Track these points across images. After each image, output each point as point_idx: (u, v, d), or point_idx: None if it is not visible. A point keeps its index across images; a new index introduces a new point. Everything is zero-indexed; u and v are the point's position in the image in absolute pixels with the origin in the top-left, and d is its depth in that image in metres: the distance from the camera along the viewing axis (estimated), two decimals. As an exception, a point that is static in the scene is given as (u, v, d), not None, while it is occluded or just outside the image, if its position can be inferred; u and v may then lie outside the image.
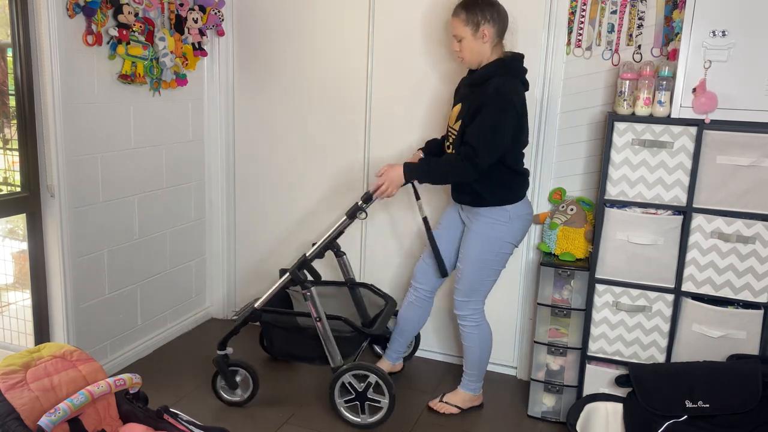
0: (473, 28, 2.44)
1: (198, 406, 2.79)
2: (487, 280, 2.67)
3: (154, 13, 2.96)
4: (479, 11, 2.42)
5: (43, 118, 2.59)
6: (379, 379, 2.59)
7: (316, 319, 2.60)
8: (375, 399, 2.63)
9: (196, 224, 3.58)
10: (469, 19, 2.43)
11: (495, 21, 2.45)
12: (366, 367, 2.61)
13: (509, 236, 2.60)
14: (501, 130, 2.39)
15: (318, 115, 3.36)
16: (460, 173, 2.43)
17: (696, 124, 2.40)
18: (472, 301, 2.69)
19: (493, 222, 2.57)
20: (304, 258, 2.67)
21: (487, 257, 2.62)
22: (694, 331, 2.51)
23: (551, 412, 2.82)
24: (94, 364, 1.99)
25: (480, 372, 2.82)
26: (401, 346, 2.99)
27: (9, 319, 2.91)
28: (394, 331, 2.98)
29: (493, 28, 2.44)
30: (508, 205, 2.56)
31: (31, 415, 1.73)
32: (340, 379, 2.63)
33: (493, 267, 2.65)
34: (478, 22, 2.43)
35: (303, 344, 2.74)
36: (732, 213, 2.42)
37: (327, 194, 3.42)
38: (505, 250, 2.64)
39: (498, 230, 2.58)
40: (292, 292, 3.04)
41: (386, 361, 3.02)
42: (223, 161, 3.58)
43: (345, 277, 3.04)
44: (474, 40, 2.46)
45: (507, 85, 2.41)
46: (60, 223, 2.67)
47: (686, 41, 2.39)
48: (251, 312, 2.72)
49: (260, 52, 3.42)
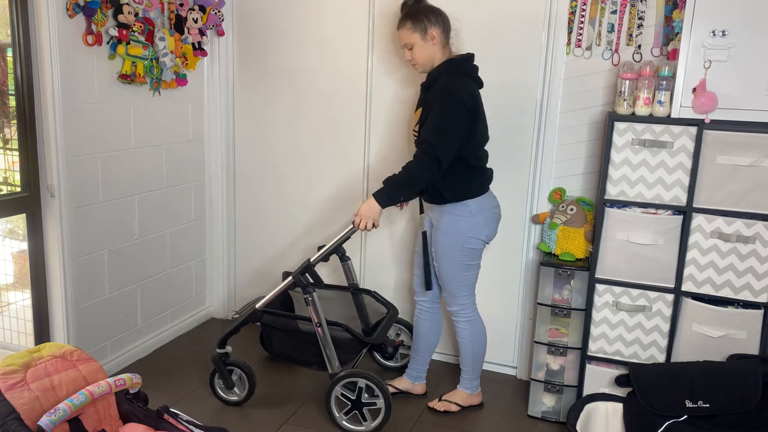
0: (421, 33, 2.54)
1: (198, 406, 2.79)
2: (462, 275, 2.67)
3: (154, 13, 2.96)
4: (423, 16, 2.54)
5: (43, 118, 2.59)
6: (368, 382, 2.59)
7: (316, 324, 2.60)
8: (371, 402, 2.63)
9: (196, 224, 3.58)
10: (416, 26, 2.54)
11: (439, 23, 2.56)
12: (352, 374, 2.60)
13: (473, 231, 2.60)
14: (452, 124, 2.45)
15: (318, 114, 3.36)
16: (425, 173, 2.46)
17: (696, 124, 2.40)
18: (458, 296, 2.71)
19: (456, 217, 2.60)
20: (308, 263, 2.67)
21: (453, 253, 2.63)
22: (694, 331, 2.51)
23: (551, 412, 2.82)
24: (94, 364, 1.99)
25: (475, 369, 2.82)
26: (419, 364, 2.94)
27: (9, 319, 2.91)
28: (411, 349, 2.97)
29: (438, 29, 2.55)
30: (468, 199, 2.58)
31: (31, 415, 1.73)
32: (332, 393, 2.63)
33: (463, 262, 2.64)
34: (425, 27, 2.54)
35: (301, 348, 2.74)
36: (732, 213, 2.42)
37: (327, 193, 3.42)
38: (472, 245, 2.63)
39: (460, 225, 2.60)
40: (294, 294, 3.04)
41: (406, 380, 2.97)
42: (223, 161, 3.58)
43: (348, 282, 3.02)
44: (424, 45, 2.56)
45: (453, 81, 2.48)
46: (60, 223, 2.67)
47: (686, 41, 2.39)
48: (252, 312, 2.71)
49: (260, 52, 3.42)
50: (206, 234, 3.66)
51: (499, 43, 2.95)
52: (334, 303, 3.06)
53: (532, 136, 2.97)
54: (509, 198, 3.04)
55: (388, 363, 3.21)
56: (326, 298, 2.99)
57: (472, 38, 2.98)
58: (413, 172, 2.47)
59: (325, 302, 2.85)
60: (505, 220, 3.07)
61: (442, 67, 2.55)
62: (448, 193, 2.58)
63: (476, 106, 2.53)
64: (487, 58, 2.98)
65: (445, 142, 2.43)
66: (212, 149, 3.56)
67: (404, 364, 3.10)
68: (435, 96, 2.48)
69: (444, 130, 2.43)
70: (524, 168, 3.02)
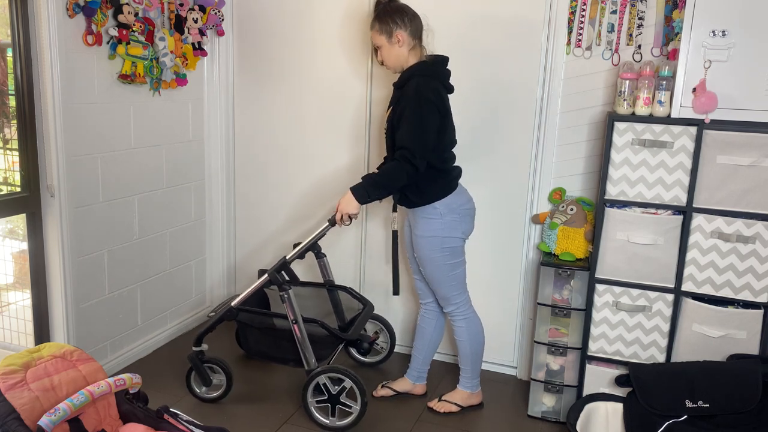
0: (387, 36, 2.56)
1: (198, 406, 2.79)
2: (448, 275, 2.68)
3: (154, 13, 2.96)
4: (390, 19, 2.55)
5: (43, 118, 2.59)
6: (354, 385, 2.59)
7: (292, 321, 2.62)
8: (347, 404, 2.64)
9: (196, 224, 3.58)
10: (383, 28, 2.56)
11: (407, 25, 2.55)
12: (343, 372, 2.61)
13: (446, 231, 2.61)
14: (427, 127, 2.47)
15: (318, 114, 3.36)
16: (403, 177, 2.49)
17: (696, 124, 2.40)
18: (450, 297, 2.71)
19: (427, 220, 2.62)
20: (283, 260, 2.68)
21: (433, 255, 2.64)
22: (694, 331, 2.51)
23: (551, 412, 2.82)
24: (94, 364, 1.99)
25: (474, 368, 2.82)
26: (419, 363, 2.94)
27: (9, 319, 2.91)
28: (413, 349, 2.98)
29: (405, 31, 2.55)
30: (435, 201, 2.59)
31: (31, 415, 1.73)
32: (315, 380, 2.64)
33: (447, 261, 2.65)
34: (391, 30, 2.55)
35: (278, 345, 2.76)
36: (732, 213, 2.42)
37: (327, 193, 3.42)
38: (450, 244, 2.64)
39: (432, 228, 2.61)
40: (269, 291, 3.04)
41: (407, 381, 2.98)
42: (223, 161, 3.58)
43: (324, 279, 3.04)
44: (390, 46, 2.58)
45: (424, 84, 2.50)
46: (60, 223, 2.67)
47: (686, 41, 2.39)
48: (227, 310, 2.73)
49: (260, 52, 3.42)
50: (206, 234, 3.66)
51: (499, 43, 2.95)
52: (310, 300, 3.08)
53: (532, 136, 2.97)
54: (509, 198, 3.05)
55: (364, 359, 3.23)
56: (302, 295, 3.00)
57: (472, 38, 2.99)
58: (391, 175, 2.50)
59: (301, 299, 2.86)
60: (505, 220, 3.08)
61: (413, 69, 2.57)
62: (413, 197, 2.60)
63: (446, 111, 2.56)
64: (487, 58, 2.99)
65: (421, 145, 2.46)
66: (212, 149, 3.56)
67: (380, 360, 3.18)
68: (406, 97, 2.51)
69: (420, 135, 2.46)
70: (524, 168, 3.01)
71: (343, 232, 3.36)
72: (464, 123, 2.94)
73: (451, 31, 2.99)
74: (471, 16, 2.97)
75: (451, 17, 3.00)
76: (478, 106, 3.03)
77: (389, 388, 2.95)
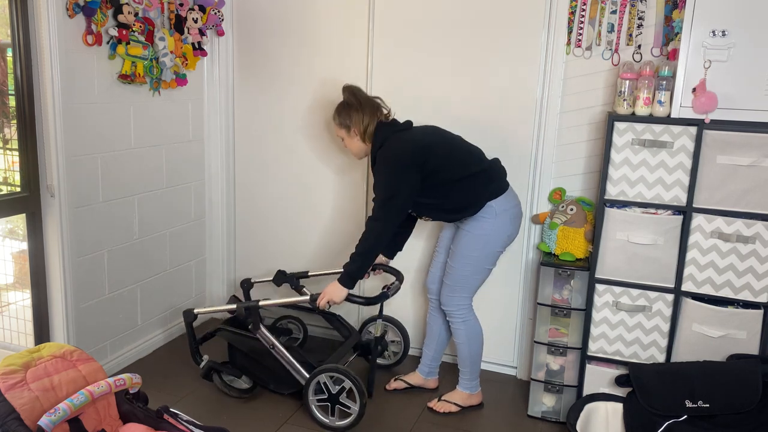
0: (346, 130, 2.72)
1: (198, 406, 2.79)
2: (474, 276, 2.69)
3: (154, 13, 2.96)
4: (346, 115, 2.69)
5: (43, 118, 2.59)
6: (353, 387, 2.60)
7: (270, 347, 2.72)
8: (346, 405, 2.64)
9: (196, 224, 3.58)
10: (342, 123, 2.72)
11: (361, 119, 2.66)
12: (343, 372, 2.61)
13: (495, 232, 2.62)
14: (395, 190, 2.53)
15: (318, 114, 3.36)
16: (378, 236, 2.57)
17: (696, 124, 2.40)
18: (456, 296, 2.72)
19: (481, 219, 2.62)
20: (256, 305, 2.73)
21: (473, 253, 2.64)
22: (694, 331, 2.51)
23: (551, 412, 2.82)
24: (94, 364, 1.99)
25: (473, 369, 2.83)
26: (429, 359, 2.98)
27: (9, 319, 2.91)
28: (423, 344, 3.01)
29: (361, 125, 2.66)
30: (491, 201, 2.61)
31: (31, 415, 1.73)
32: (316, 378, 2.66)
33: (480, 264, 2.67)
34: (348, 125, 2.70)
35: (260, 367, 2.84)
36: (732, 213, 2.42)
37: (327, 193, 3.42)
38: (493, 248, 2.65)
39: (484, 226, 2.62)
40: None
41: (418, 375, 3.01)
42: (223, 161, 3.58)
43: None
44: (350, 139, 2.73)
45: (388, 146, 2.60)
46: (60, 223, 2.67)
47: (686, 41, 2.39)
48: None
49: (260, 52, 3.42)
50: (206, 234, 3.66)
51: (499, 43, 2.95)
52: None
53: (532, 136, 2.97)
54: (509, 198, 3.05)
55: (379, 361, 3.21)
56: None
57: (472, 38, 2.99)
58: (366, 246, 2.58)
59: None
60: (505, 220, 3.07)
61: (378, 136, 2.64)
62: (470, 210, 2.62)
63: (425, 144, 2.59)
64: (487, 59, 2.99)
65: (389, 208, 2.54)
66: (212, 149, 3.56)
67: (394, 362, 3.19)
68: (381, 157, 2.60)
69: (387, 197, 2.53)
70: (524, 168, 3.01)
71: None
72: (464, 123, 2.93)
73: (451, 30, 2.99)
74: (471, 16, 2.97)
75: (451, 17, 3.00)
76: (478, 106, 3.03)
77: (402, 380, 2.99)
